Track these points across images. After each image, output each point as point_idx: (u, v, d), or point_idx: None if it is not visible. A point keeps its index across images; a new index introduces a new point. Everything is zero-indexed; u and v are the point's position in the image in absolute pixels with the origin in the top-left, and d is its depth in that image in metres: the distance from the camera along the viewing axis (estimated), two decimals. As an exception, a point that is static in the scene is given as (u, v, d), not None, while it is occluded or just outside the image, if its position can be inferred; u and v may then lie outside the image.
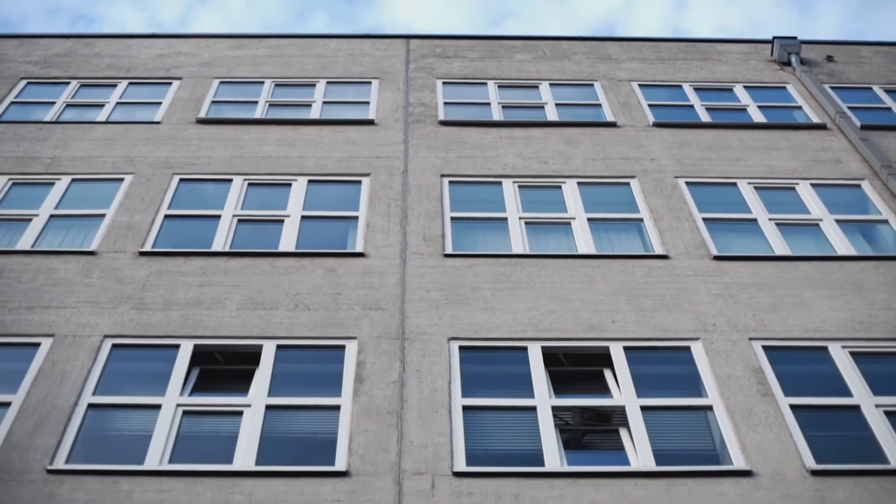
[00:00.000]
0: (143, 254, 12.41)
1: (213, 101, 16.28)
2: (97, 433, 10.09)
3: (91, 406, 10.30)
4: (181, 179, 14.10)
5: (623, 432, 10.19)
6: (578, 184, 13.99)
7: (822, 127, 15.51)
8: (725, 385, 10.50)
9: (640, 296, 11.77)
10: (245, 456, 9.64)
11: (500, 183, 14.04)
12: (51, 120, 15.66)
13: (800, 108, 16.35)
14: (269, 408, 10.25)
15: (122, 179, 14.06)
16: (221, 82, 16.97)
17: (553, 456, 9.64)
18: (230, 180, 14.06)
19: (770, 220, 13.31)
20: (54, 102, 16.34)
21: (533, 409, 10.23)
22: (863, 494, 9.19)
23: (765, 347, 11.04)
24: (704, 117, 15.89)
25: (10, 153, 14.72)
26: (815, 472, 9.42)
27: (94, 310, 11.49)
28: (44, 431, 9.86)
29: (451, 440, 9.78)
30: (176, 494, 9.19)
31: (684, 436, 10.17)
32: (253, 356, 11.02)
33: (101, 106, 16.25)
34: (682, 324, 11.35)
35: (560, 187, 13.97)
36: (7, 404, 10.24)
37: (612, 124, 15.50)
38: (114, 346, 11.07)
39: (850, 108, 16.10)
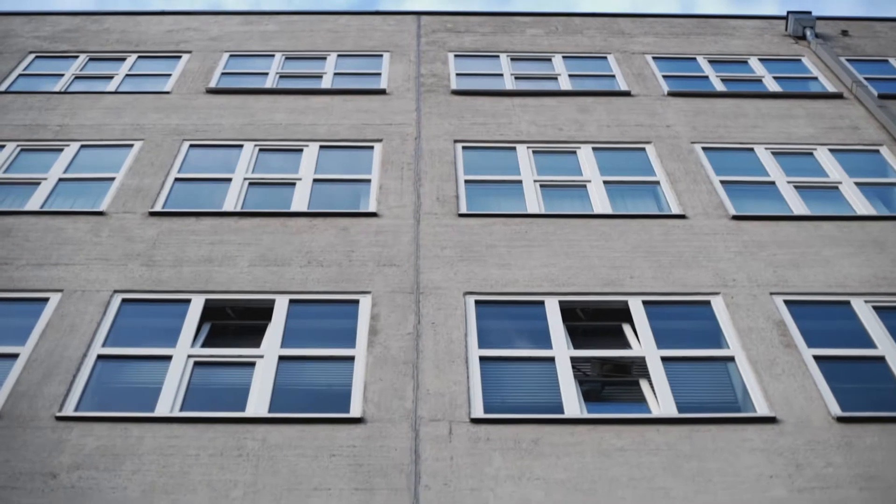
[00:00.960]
0: (152, 214, 12.24)
1: (222, 73, 16.13)
2: (107, 384, 9.90)
3: (100, 357, 10.10)
4: (191, 145, 13.93)
5: (644, 384, 9.98)
6: (593, 149, 13.80)
7: (838, 96, 15.32)
8: (747, 337, 10.28)
9: (659, 253, 11.56)
10: (258, 404, 9.44)
11: (514, 148, 13.85)
12: (59, 90, 15.51)
13: (815, 78, 16.16)
14: (282, 359, 10.04)
15: (131, 146, 13.89)
16: (231, 55, 16.82)
17: (573, 404, 9.42)
18: (241, 146, 13.89)
19: (788, 182, 13.10)
20: (62, 75, 16.18)
21: (551, 359, 10.02)
22: (890, 440, 8.97)
23: (786, 302, 10.83)
24: (719, 88, 15.70)
25: (18, 121, 14.56)
26: (840, 419, 9.20)
27: (103, 266, 11.31)
28: (52, 381, 9.67)
29: (468, 389, 9.57)
30: (187, 440, 8.99)
31: (706, 386, 9.94)
32: (265, 311, 10.82)
33: (110, 78, 16.09)
34: (701, 279, 11.14)
35: (575, 152, 13.78)
36: (15, 356, 10.05)
37: (627, 93, 15.31)
38: (123, 300, 10.88)
39: (866, 78, 15.89)
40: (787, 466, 8.74)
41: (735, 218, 12.17)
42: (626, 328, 10.73)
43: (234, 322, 10.96)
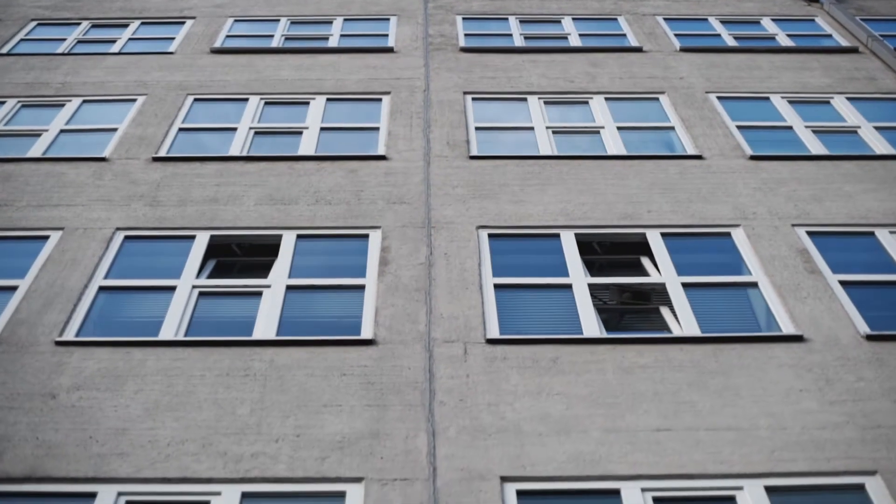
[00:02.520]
0: (156, 159, 11.93)
1: (227, 35, 15.86)
2: (108, 315, 9.58)
3: (102, 289, 9.79)
4: (195, 99, 13.64)
5: (665, 311, 9.64)
6: (606, 99, 13.49)
7: (853, 50, 15.02)
8: (770, 264, 9.95)
9: (676, 189, 11.24)
10: (265, 330, 9.10)
11: (524, 99, 13.54)
12: (62, 52, 15.25)
13: (830, 36, 15.85)
14: (289, 288, 9.72)
15: (134, 100, 13.60)
16: (236, 20, 16.55)
17: (592, 327, 9.08)
18: (246, 99, 13.60)
19: (806, 127, 12.78)
20: (64, 39, 15.92)
21: (569, 286, 9.69)
22: (923, 357, 8.63)
23: (809, 233, 10.50)
24: (732, 45, 15.39)
25: (19, 80, 14.29)
26: (870, 337, 8.86)
27: (105, 206, 11.01)
28: (52, 310, 9.35)
29: (482, 313, 9.24)
30: (192, 362, 8.67)
31: (729, 311, 9.60)
32: (272, 248, 10.50)
33: (113, 42, 15.82)
34: (721, 213, 10.82)
35: (587, 103, 13.47)
36: (14, 288, 9.74)
37: (639, 49, 15.02)
38: (126, 237, 10.57)
39: (881, 35, 15.60)
40: (818, 381, 8.39)
41: (753, 158, 11.85)
42: (645, 261, 10.40)
43: (241, 259, 10.65)
